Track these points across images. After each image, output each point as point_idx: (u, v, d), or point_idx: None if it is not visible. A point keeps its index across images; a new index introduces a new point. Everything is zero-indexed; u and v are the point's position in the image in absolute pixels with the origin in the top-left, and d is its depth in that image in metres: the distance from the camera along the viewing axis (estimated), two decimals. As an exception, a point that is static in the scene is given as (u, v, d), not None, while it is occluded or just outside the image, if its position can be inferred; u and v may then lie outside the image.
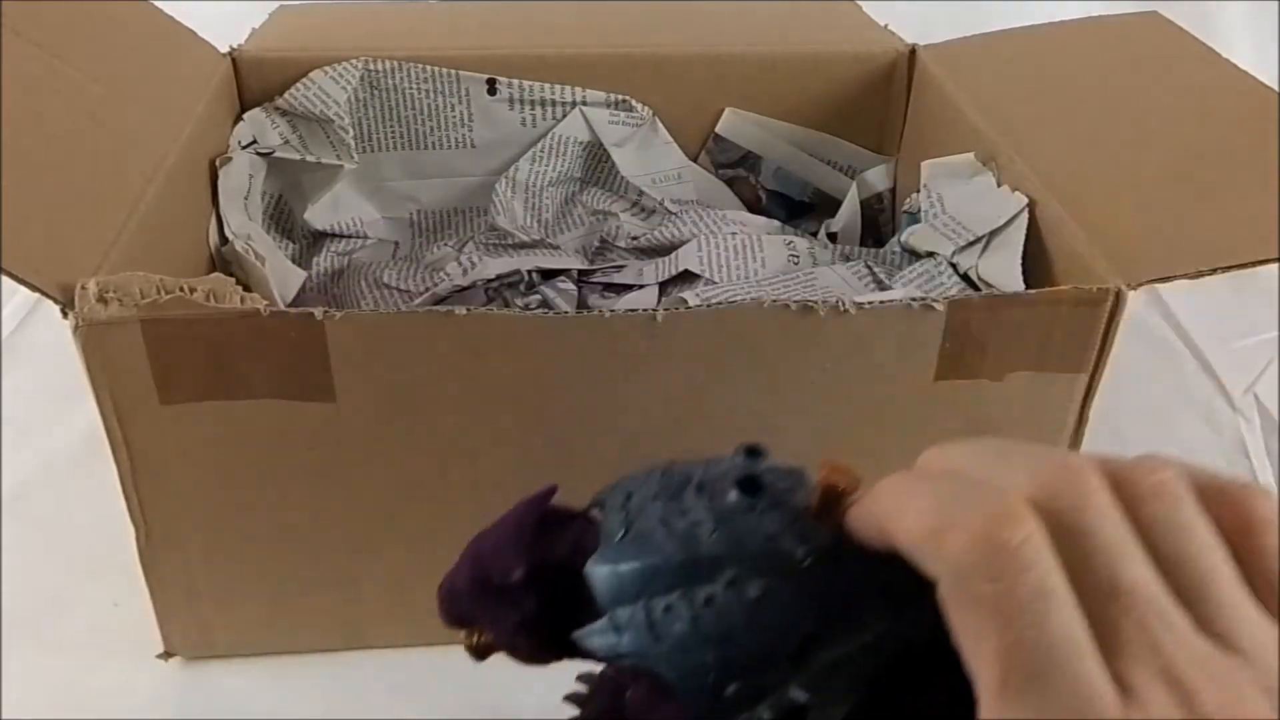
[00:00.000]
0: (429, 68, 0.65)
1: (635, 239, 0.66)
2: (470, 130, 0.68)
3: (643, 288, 0.61)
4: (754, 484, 0.30)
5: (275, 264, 0.57)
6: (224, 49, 0.63)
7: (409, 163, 0.69)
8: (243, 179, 0.59)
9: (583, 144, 0.69)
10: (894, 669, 0.28)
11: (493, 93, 0.66)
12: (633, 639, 0.28)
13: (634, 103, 0.68)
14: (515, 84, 0.66)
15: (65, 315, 0.39)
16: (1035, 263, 0.50)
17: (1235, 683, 0.19)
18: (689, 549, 0.28)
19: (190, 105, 0.57)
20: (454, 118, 0.67)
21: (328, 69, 0.64)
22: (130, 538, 0.46)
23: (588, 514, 0.34)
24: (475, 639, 0.36)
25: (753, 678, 0.27)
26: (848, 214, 0.67)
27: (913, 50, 0.67)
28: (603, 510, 0.32)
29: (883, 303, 0.42)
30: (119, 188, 0.47)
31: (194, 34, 0.62)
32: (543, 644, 0.32)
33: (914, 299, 0.42)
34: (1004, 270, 0.49)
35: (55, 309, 0.39)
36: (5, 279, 0.38)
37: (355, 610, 0.50)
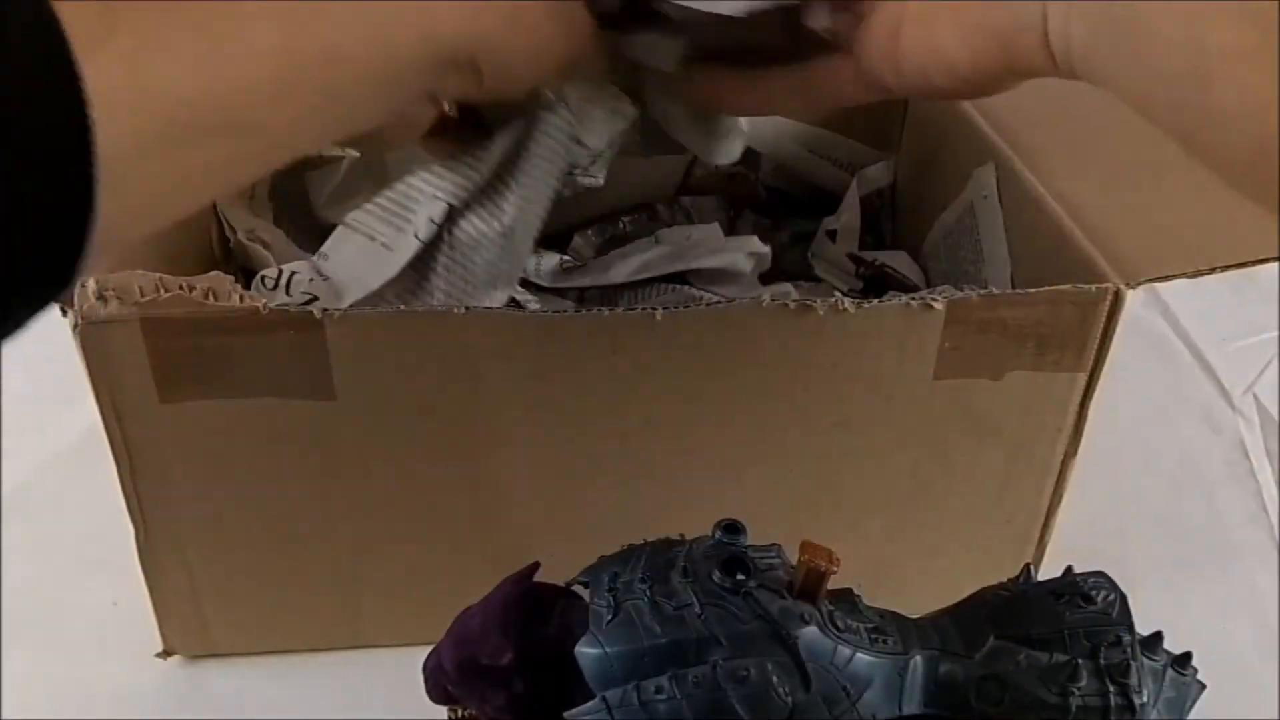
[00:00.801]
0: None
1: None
2: None
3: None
4: (738, 564, 0.30)
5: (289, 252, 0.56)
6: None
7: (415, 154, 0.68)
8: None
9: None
10: None
11: None
12: None
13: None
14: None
15: (64, 313, 0.39)
16: (1035, 262, 0.50)
17: None
18: (677, 631, 0.29)
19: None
20: None
21: None
22: (130, 537, 0.46)
23: (571, 590, 0.34)
24: (461, 715, 0.36)
25: None
26: (848, 211, 0.67)
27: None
28: (588, 589, 0.32)
29: (882, 302, 0.42)
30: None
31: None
32: None
33: (913, 298, 0.42)
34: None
35: (54, 307, 0.39)
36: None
37: (355, 610, 0.50)
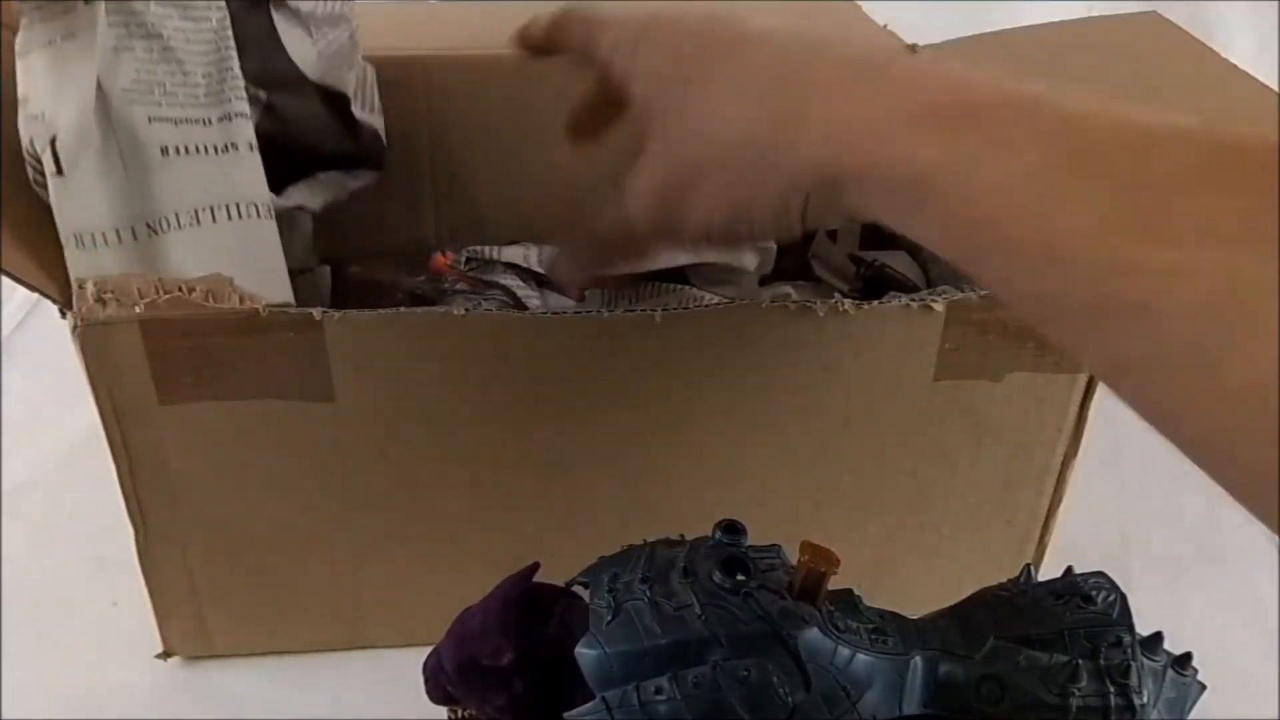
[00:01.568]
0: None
1: None
2: None
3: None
4: (738, 565, 0.30)
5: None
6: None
7: None
8: None
9: None
10: None
11: None
12: None
13: None
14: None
15: (64, 315, 0.39)
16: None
17: None
18: (677, 632, 0.29)
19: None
20: None
21: None
22: (129, 538, 0.46)
23: (571, 590, 0.34)
24: (461, 715, 0.36)
25: None
26: None
27: (912, 50, 0.67)
28: (588, 589, 0.32)
29: (882, 303, 0.42)
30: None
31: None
32: None
33: (913, 299, 0.42)
34: None
35: (55, 309, 0.39)
36: (5, 279, 0.38)
37: (355, 610, 0.50)
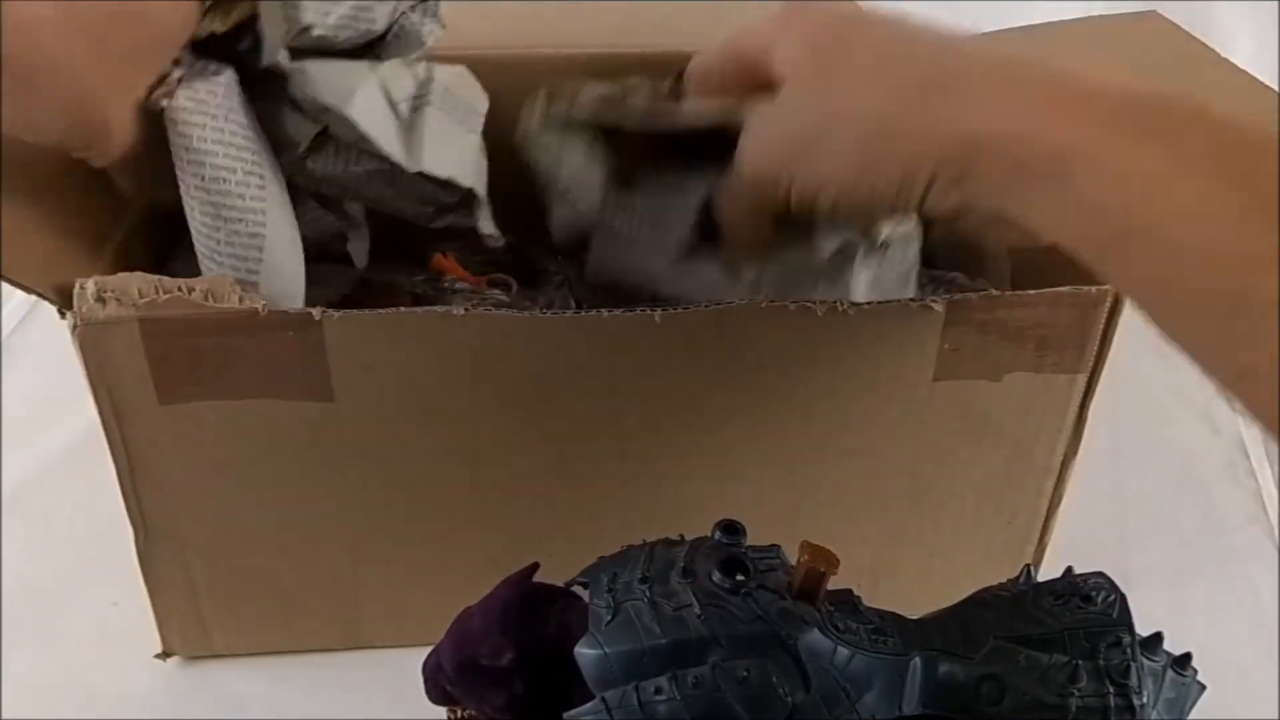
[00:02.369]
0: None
1: None
2: None
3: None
4: (738, 565, 0.30)
5: None
6: (223, 49, 0.63)
7: None
8: None
9: None
10: None
11: None
12: None
13: None
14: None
15: (63, 315, 0.39)
16: (1034, 263, 0.49)
17: None
18: (677, 632, 0.29)
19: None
20: None
21: None
22: (129, 537, 0.46)
23: (570, 590, 0.34)
24: (461, 716, 0.36)
25: None
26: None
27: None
28: (587, 589, 0.32)
29: (882, 302, 0.42)
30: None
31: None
32: None
33: (913, 299, 0.42)
34: None
35: (54, 309, 0.39)
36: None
37: (354, 610, 0.50)
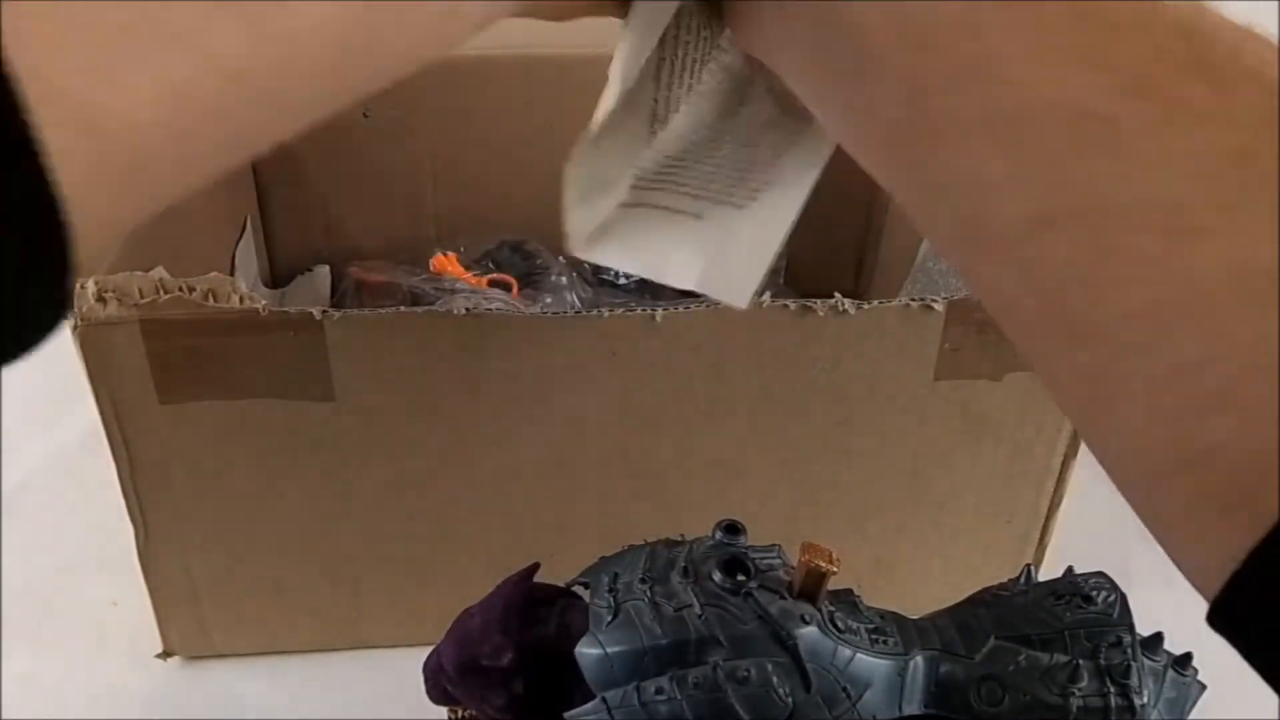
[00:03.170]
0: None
1: None
2: None
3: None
4: (738, 565, 0.30)
5: None
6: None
7: None
8: None
9: None
10: None
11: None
12: None
13: None
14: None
15: (64, 315, 0.39)
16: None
17: None
18: (678, 632, 0.29)
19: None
20: None
21: None
22: (130, 537, 0.46)
23: (571, 590, 0.34)
24: (461, 715, 0.36)
25: None
26: None
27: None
28: (587, 589, 0.32)
29: (882, 303, 0.42)
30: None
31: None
32: None
33: (913, 299, 0.42)
34: None
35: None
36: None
37: (355, 610, 0.50)
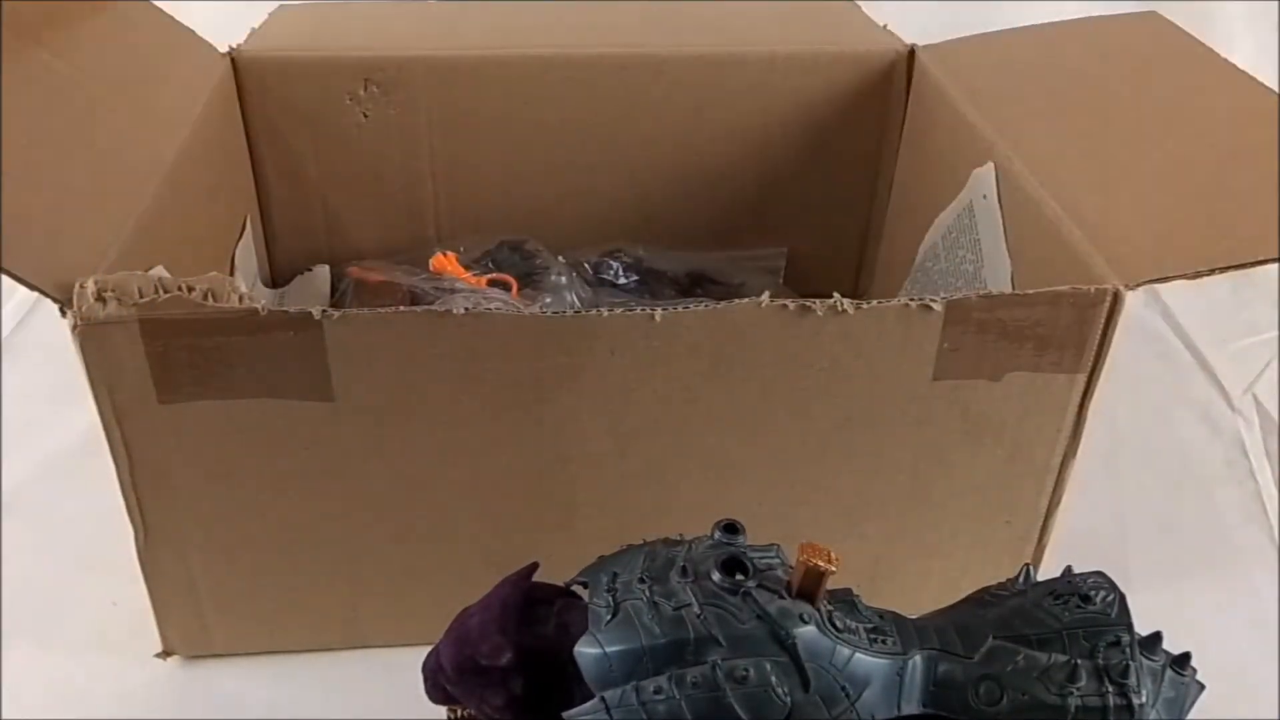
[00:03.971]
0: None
1: None
2: None
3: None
4: (737, 564, 0.30)
5: None
6: (224, 49, 0.63)
7: None
8: None
9: None
10: None
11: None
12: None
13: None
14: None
15: (64, 314, 0.39)
16: (1034, 263, 0.50)
17: None
18: (676, 631, 0.29)
19: (190, 105, 0.57)
20: None
21: None
22: (129, 537, 0.46)
23: (570, 590, 0.35)
24: (461, 715, 0.36)
25: None
26: None
27: (912, 50, 0.67)
28: (587, 589, 0.32)
29: (882, 302, 0.42)
30: (118, 187, 0.47)
31: (194, 34, 0.62)
32: None
33: (912, 299, 0.42)
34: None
35: (55, 308, 0.39)
36: (5, 278, 0.38)
37: (354, 609, 0.50)
